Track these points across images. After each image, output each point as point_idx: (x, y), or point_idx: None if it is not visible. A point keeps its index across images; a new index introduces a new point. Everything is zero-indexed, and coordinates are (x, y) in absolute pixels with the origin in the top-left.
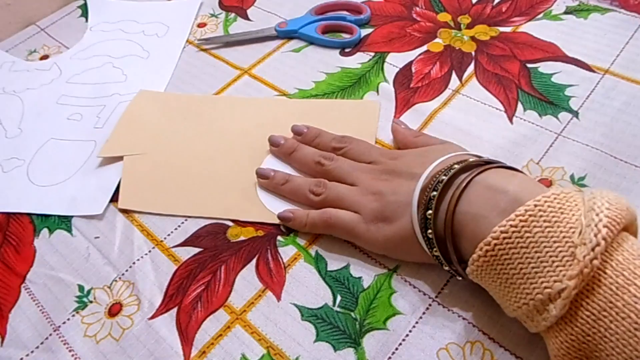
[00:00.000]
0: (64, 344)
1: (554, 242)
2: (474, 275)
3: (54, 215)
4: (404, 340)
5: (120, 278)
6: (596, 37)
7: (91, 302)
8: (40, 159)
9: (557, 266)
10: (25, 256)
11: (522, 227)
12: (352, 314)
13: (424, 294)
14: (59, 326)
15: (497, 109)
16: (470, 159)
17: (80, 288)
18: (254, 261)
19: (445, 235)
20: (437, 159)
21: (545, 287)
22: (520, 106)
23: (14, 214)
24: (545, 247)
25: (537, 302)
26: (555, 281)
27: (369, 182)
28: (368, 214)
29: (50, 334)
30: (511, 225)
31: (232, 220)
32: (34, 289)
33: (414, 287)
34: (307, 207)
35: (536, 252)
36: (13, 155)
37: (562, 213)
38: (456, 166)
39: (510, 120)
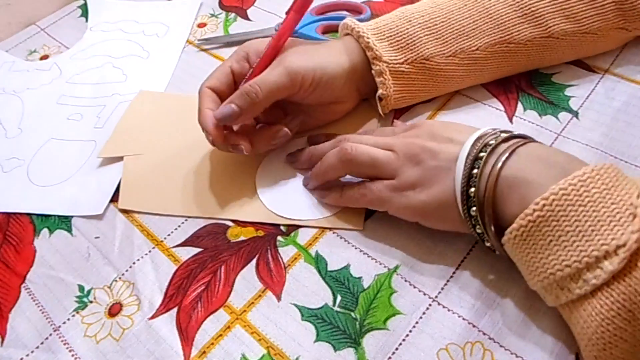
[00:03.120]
0: (64, 344)
1: (612, 203)
2: (519, 233)
3: (54, 215)
4: (404, 340)
5: (120, 278)
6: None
7: (91, 302)
8: (40, 159)
9: (614, 225)
10: (25, 256)
11: (581, 186)
12: (352, 314)
13: (424, 294)
14: (59, 326)
15: (497, 109)
16: (514, 133)
17: (81, 288)
18: (254, 261)
19: (486, 197)
20: (466, 130)
21: (603, 244)
22: (520, 106)
23: (14, 214)
24: (603, 207)
25: (591, 258)
26: (613, 239)
27: (404, 146)
28: (405, 180)
29: (50, 334)
30: (570, 184)
31: (232, 221)
32: (34, 289)
33: (414, 287)
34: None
35: (594, 211)
36: (13, 155)
37: (617, 180)
38: (503, 134)
39: (510, 120)
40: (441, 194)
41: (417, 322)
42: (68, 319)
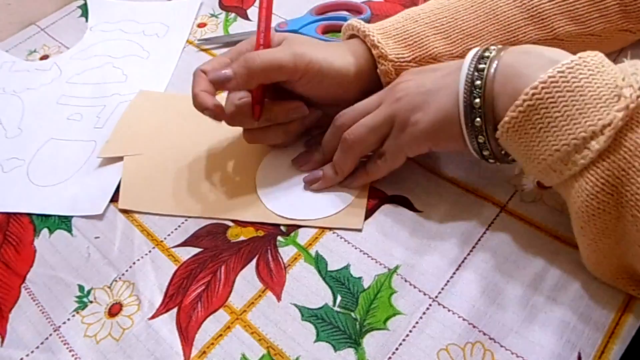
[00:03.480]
0: (64, 344)
1: (598, 87)
2: (512, 124)
3: (54, 215)
4: (404, 340)
5: (120, 278)
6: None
7: (91, 302)
8: (40, 159)
9: (601, 107)
10: (25, 256)
11: (569, 73)
12: (353, 314)
13: (424, 294)
14: (59, 326)
15: None
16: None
17: (81, 288)
18: (254, 261)
19: (486, 103)
20: (453, 61)
21: (590, 125)
22: None
23: (14, 214)
24: (590, 91)
25: (579, 140)
26: (599, 119)
27: (390, 92)
28: (402, 117)
29: (51, 334)
30: (559, 72)
31: (232, 221)
32: (34, 289)
33: (414, 287)
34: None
35: (581, 95)
36: (13, 155)
37: (603, 66)
38: (493, 47)
39: None
40: (440, 111)
41: (417, 322)
42: (68, 319)
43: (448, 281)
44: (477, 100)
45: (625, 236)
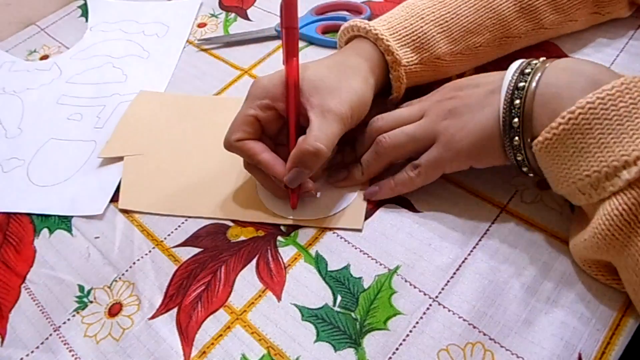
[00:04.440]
0: (64, 344)
1: (636, 117)
2: (545, 145)
3: (54, 215)
4: (404, 340)
5: (120, 278)
6: (596, 37)
7: (91, 302)
8: (40, 159)
9: (636, 137)
10: (25, 256)
11: (609, 100)
12: (353, 314)
13: (425, 294)
14: (59, 326)
15: None
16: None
17: (81, 288)
18: (254, 261)
19: (524, 121)
20: (487, 75)
21: (623, 155)
22: None
23: (14, 214)
24: (627, 121)
25: (610, 168)
26: (633, 150)
27: (434, 106)
28: (446, 135)
29: (51, 334)
30: (598, 97)
31: (233, 221)
32: (34, 289)
33: (415, 287)
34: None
35: (618, 125)
36: (13, 155)
37: None
38: (534, 61)
39: None
40: (484, 131)
41: (417, 323)
42: (68, 319)
43: (448, 281)
44: (516, 119)
45: (627, 258)
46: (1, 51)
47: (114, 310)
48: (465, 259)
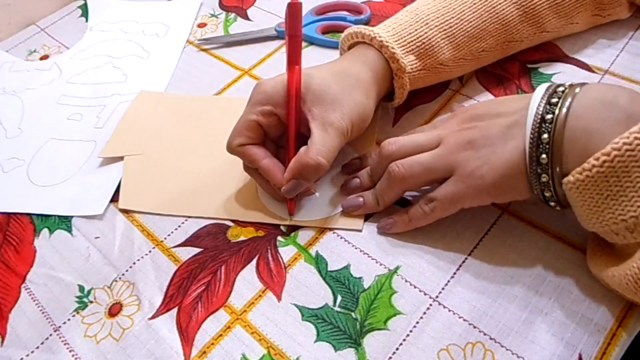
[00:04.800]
0: (64, 344)
1: None
2: (577, 185)
3: (54, 215)
4: (404, 340)
5: (120, 278)
6: (596, 37)
7: (91, 302)
8: (40, 159)
9: None
10: (26, 256)
11: None
12: (353, 314)
13: (425, 294)
14: (59, 326)
15: None
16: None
17: (81, 288)
18: (254, 261)
19: (554, 155)
20: (509, 101)
21: None
22: None
23: (14, 214)
24: None
25: None
26: None
27: (453, 135)
28: (465, 168)
29: (51, 334)
30: (636, 137)
31: (233, 221)
32: (34, 289)
33: (415, 287)
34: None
35: None
36: (13, 155)
37: None
38: (561, 88)
39: None
40: (508, 167)
41: (417, 323)
42: (68, 319)
43: (449, 281)
44: (544, 156)
45: None
46: (1, 51)
47: (114, 310)
48: (466, 258)
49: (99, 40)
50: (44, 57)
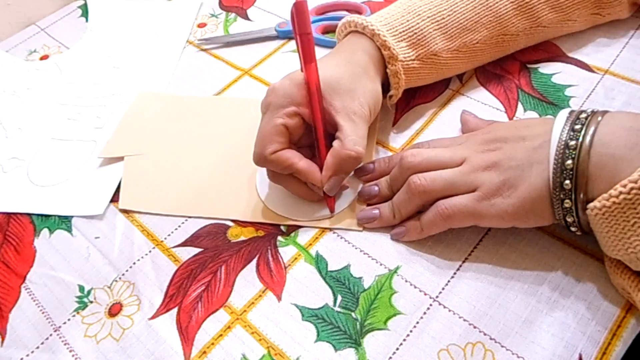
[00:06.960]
0: (65, 344)
1: None
2: (603, 212)
3: (54, 215)
4: (404, 340)
5: (120, 278)
6: (596, 37)
7: (91, 302)
8: (40, 159)
9: None
10: (26, 256)
11: None
12: (353, 314)
13: (425, 294)
14: (60, 326)
15: (497, 109)
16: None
17: (81, 288)
18: (254, 261)
19: (578, 183)
20: (534, 124)
21: None
22: (520, 106)
23: (14, 214)
24: None
25: None
26: None
27: (477, 155)
28: (489, 188)
29: (51, 334)
30: None
31: (233, 221)
32: (34, 289)
33: (415, 287)
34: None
35: None
36: (13, 155)
37: None
38: (583, 114)
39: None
40: (533, 192)
41: (417, 323)
42: (68, 319)
43: (449, 281)
44: (567, 181)
45: None
46: (1, 51)
47: (114, 310)
48: (466, 258)
49: (99, 40)
50: (44, 57)
